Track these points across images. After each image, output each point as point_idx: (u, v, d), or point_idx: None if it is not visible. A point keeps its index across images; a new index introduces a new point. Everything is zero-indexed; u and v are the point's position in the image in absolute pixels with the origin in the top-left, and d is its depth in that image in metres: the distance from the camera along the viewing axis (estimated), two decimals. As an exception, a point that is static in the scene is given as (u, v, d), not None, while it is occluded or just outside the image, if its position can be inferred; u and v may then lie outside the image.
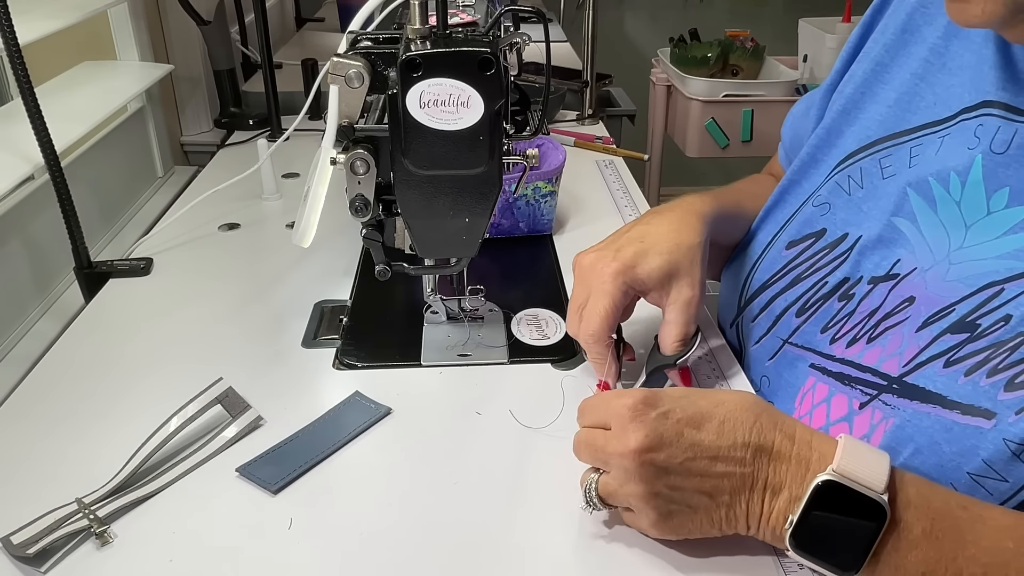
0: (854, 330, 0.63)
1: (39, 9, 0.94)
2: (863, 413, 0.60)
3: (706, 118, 1.89)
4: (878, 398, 0.59)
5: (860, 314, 0.63)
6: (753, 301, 0.73)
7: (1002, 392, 0.52)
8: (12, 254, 0.89)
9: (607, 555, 0.55)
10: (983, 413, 0.52)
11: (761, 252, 0.74)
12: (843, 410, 0.61)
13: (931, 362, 0.56)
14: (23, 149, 0.86)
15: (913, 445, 0.55)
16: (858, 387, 0.61)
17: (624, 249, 0.67)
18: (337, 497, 0.60)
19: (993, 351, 0.53)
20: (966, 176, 0.58)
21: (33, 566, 0.54)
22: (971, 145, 0.59)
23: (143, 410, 0.67)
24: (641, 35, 2.85)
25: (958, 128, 0.61)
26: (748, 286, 0.74)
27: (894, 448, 0.56)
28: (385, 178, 0.66)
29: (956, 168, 0.59)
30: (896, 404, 0.57)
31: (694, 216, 0.70)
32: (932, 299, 0.58)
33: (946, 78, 0.64)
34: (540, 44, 0.71)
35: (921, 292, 0.59)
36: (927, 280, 0.59)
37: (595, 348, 0.67)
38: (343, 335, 0.79)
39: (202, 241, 0.98)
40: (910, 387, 0.57)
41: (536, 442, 0.65)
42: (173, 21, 1.30)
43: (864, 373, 0.61)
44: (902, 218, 0.63)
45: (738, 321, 0.75)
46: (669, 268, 0.66)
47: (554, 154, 0.98)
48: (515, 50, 0.69)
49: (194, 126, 1.39)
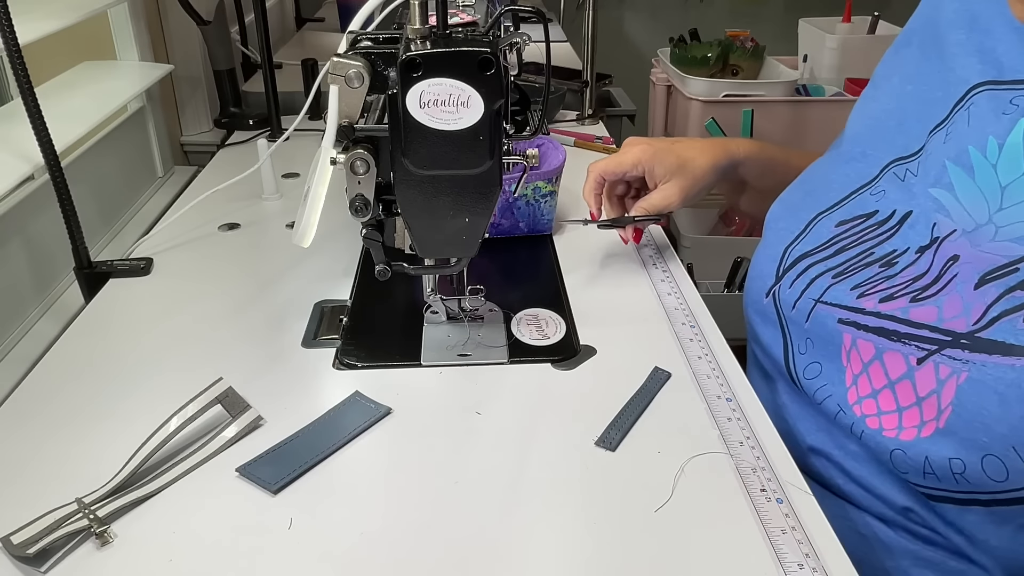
0: (890, 290, 0.65)
1: (39, 9, 0.94)
2: (924, 368, 0.60)
3: (706, 118, 1.88)
4: (939, 352, 0.59)
5: (902, 278, 0.65)
6: (791, 270, 0.74)
7: None
8: (12, 254, 0.89)
9: (607, 555, 0.55)
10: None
11: (805, 227, 0.76)
12: (901, 367, 0.62)
13: (1006, 316, 0.57)
14: (23, 149, 0.86)
15: (997, 397, 0.55)
16: (912, 343, 0.61)
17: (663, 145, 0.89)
18: (337, 497, 0.60)
19: None
20: (1004, 139, 0.61)
21: (33, 566, 0.54)
22: (1008, 111, 0.61)
23: (143, 410, 0.67)
24: (641, 35, 2.85)
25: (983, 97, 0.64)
26: (788, 256, 0.75)
27: (974, 401, 0.56)
28: (385, 178, 0.66)
29: (994, 132, 0.62)
30: (967, 359, 0.58)
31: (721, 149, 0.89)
32: (982, 258, 0.60)
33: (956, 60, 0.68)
34: (540, 44, 0.71)
35: (965, 251, 0.61)
36: (971, 241, 0.61)
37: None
38: (343, 335, 0.79)
39: (202, 241, 0.98)
40: (985, 342, 0.57)
41: (536, 442, 0.65)
42: (173, 21, 1.30)
43: (919, 330, 0.61)
44: (940, 188, 0.65)
45: (774, 290, 0.75)
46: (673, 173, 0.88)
47: (554, 154, 0.98)
48: (515, 50, 0.69)
49: (194, 126, 1.39)
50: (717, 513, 0.58)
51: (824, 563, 0.53)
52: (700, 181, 0.88)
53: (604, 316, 0.81)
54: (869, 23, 1.96)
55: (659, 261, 0.92)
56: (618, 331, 0.79)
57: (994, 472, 0.57)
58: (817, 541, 0.55)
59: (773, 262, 0.77)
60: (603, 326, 0.79)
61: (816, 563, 0.53)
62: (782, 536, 0.55)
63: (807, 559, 0.54)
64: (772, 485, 0.60)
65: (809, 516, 0.57)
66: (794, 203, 0.80)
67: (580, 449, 0.64)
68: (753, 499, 0.59)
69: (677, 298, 0.85)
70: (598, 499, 0.59)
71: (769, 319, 0.76)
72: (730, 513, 0.58)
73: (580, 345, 0.77)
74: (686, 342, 0.77)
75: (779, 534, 0.56)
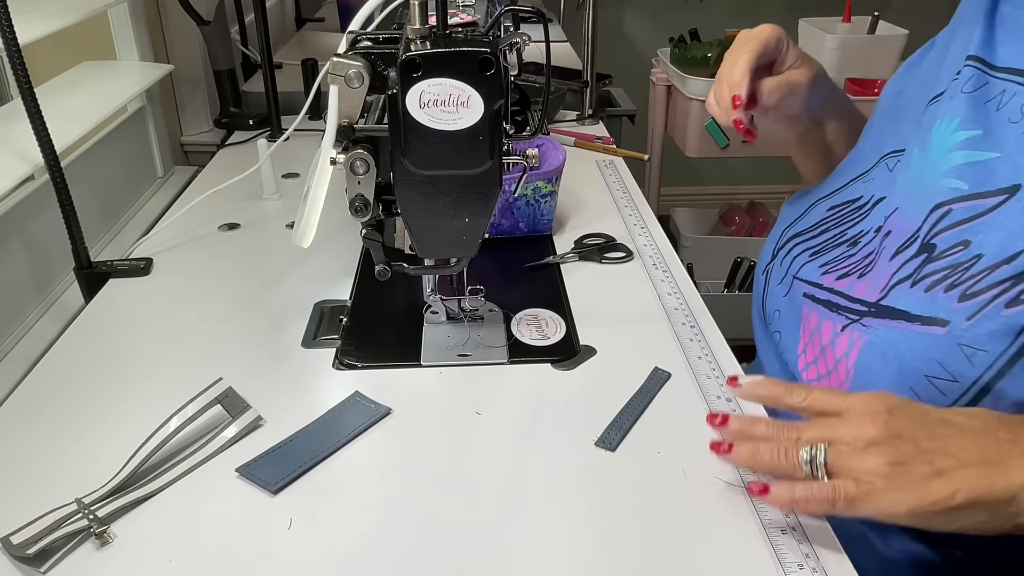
0: (848, 267, 0.70)
1: (39, 9, 0.94)
2: (843, 335, 0.65)
3: (706, 118, 1.88)
4: (858, 322, 0.65)
5: (858, 256, 0.70)
6: (782, 249, 0.79)
7: (955, 303, 0.58)
8: (12, 254, 0.89)
9: (607, 555, 0.55)
10: (939, 322, 0.58)
11: (803, 212, 0.80)
12: (831, 334, 0.67)
13: (900, 284, 0.63)
14: (23, 149, 0.86)
15: (880, 357, 0.61)
16: (843, 314, 0.67)
17: None
18: (337, 497, 0.60)
19: (951, 271, 0.59)
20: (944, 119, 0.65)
21: (33, 566, 0.54)
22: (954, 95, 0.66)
23: (143, 410, 0.67)
24: (641, 35, 2.85)
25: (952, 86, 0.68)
26: (783, 236, 0.80)
27: (865, 362, 0.62)
28: (385, 178, 0.66)
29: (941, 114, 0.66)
30: (871, 324, 0.63)
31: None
32: (902, 230, 0.65)
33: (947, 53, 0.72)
34: (540, 44, 0.71)
35: (896, 226, 0.66)
36: (900, 216, 0.66)
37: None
38: (343, 335, 0.79)
39: (202, 241, 0.98)
40: (884, 308, 0.63)
41: (536, 442, 0.65)
42: (173, 21, 1.30)
43: (853, 303, 0.67)
44: (900, 168, 0.70)
45: (769, 267, 0.80)
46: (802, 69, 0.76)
47: (554, 154, 0.98)
48: (515, 50, 0.69)
49: (194, 126, 1.39)
50: (717, 513, 0.58)
51: (824, 563, 0.53)
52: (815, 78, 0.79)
53: (604, 316, 0.81)
54: (869, 23, 1.96)
55: (659, 261, 0.92)
56: (618, 331, 0.79)
57: None
58: (817, 541, 0.55)
59: (772, 243, 0.82)
60: (603, 326, 0.79)
61: (816, 563, 0.53)
62: (782, 536, 0.55)
63: (807, 559, 0.54)
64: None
65: (809, 516, 0.57)
66: (808, 189, 0.83)
67: (580, 449, 0.64)
68: (753, 499, 0.59)
69: (677, 298, 0.85)
70: (598, 499, 0.59)
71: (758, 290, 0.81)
72: (730, 513, 0.58)
73: (580, 345, 0.77)
74: (686, 342, 0.77)
75: (779, 534, 0.56)
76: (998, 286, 0.56)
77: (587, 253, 0.93)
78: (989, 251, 0.58)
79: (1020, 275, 0.56)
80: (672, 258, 0.93)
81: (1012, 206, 0.58)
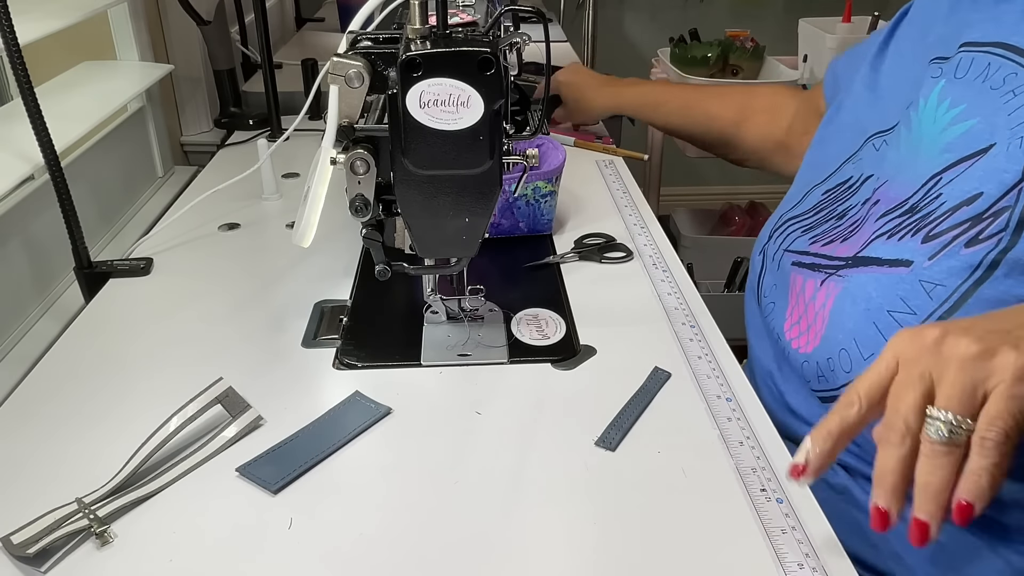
0: (833, 235, 0.75)
1: (39, 9, 0.94)
2: (823, 288, 0.71)
3: (706, 118, 1.88)
4: (835, 274, 0.70)
5: (844, 225, 0.75)
6: (779, 229, 0.84)
7: (919, 244, 0.63)
8: (12, 254, 0.89)
9: (607, 555, 0.55)
10: (904, 263, 0.63)
11: (800, 198, 0.85)
12: (811, 289, 0.72)
13: (879, 238, 0.68)
14: (23, 149, 0.86)
15: (850, 299, 0.66)
16: (823, 271, 0.72)
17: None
18: (337, 497, 0.60)
19: (922, 219, 0.64)
20: (929, 97, 0.70)
21: (33, 566, 0.54)
22: (935, 75, 0.71)
23: (143, 410, 0.67)
24: (641, 35, 2.85)
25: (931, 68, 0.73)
26: (780, 219, 0.85)
27: (838, 306, 0.67)
28: (385, 178, 0.66)
29: (924, 94, 0.71)
30: (847, 274, 0.68)
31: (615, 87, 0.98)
32: (891, 199, 0.70)
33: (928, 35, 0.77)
34: (540, 44, 0.71)
35: (884, 195, 0.71)
36: (890, 188, 0.71)
37: None
38: (343, 335, 0.79)
39: (202, 241, 0.98)
40: (860, 259, 0.68)
41: (536, 442, 0.65)
42: (173, 21, 1.30)
43: (832, 261, 0.72)
44: (889, 147, 0.74)
45: (765, 247, 0.84)
46: None
47: (554, 154, 0.98)
48: (515, 50, 0.69)
49: (194, 126, 1.39)
50: (717, 513, 0.58)
51: (824, 563, 0.53)
52: None
53: (604, 316, 0.81)
54: (869, 23, 1.96)
55: (659, 261, 0.92)
56: (618, 331, 0.79)
57: (844, 364, 0.67)
58: (817, 541, 0.55)
59: (770, 226, 0.86)
60: (603, 326, 0.79)
61: (816, 563, 0.53)
62: (782, 536, 0.55)
63: (807, 559, 0.54)
64: (772, 485, 0.60)
65: (809, 516, 0.57)
66: (802, 177, 0.88)
67: (580, 449, 0.64)
68: (753, 499, 0.59)
69: (677, 298, 0.85)
70: (598, 499, 0.59)
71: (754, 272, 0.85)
72: (730, 513, 0.58)
73: (580, 345, 0.77)
74: (686, 342, 0.77)
75: (779, 534, 0.56)
76: (958, 227, 0.61)
77: (587, 253, 0.93)
78: (951, 196, 0.63)
79: (978, 216, 0.60)
80: (672, 258, 0.93)
81: (982, 161, 0.63)
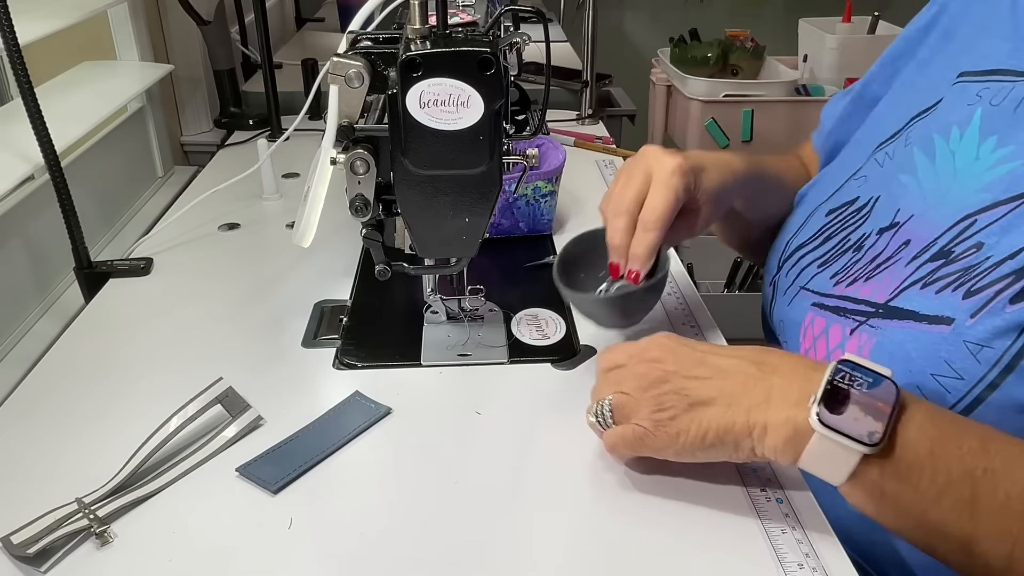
0: (856, 273, 0.69)
1: (39, 9, 0.94)
2: (852, 338, 0.65)
3: (706, 118, 1.88)
4: (866, 323, 0.64)
5: (864, 260, 0.69)
6: (788, 260, 0.78)
7: (960, 300, 0.58)
8: (12, 254, 0.89)
9: (607, 555, 0.55)
10: (945, 320, 0.58)
11: (804, 220, 0.79)
12: (839, 338, 0.67)
13: (911, 287, 0.62)
14: (23, 149, 0.86)
15: (888, 356, 0.61)
16: (851, 316, 0.66)
17: (689, 154, 0.71)
18: (337, 497, 0.60)
19: (963, 273, 0.59)
20: (965, 128, 0.64)
21: (33, 566, 0.54)
22: (971, 102, 0.65)
23: (143, 410, 0.67)
24: (641, 35, 2.85)
25: (957, 88, 0.67)
26: (788, 247, 0.79)
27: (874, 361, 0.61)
28: (385, 178, 0.66)
29: (957, 121, 0.65)
30: (880, 326, 0.63)
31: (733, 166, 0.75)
32: (921, 239, 0.64)
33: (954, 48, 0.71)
34: (540, 44, 0.71)
35: (915, 234, 0.65)
36: (920, 224, 0.65)
37: (649, 236, 0.67)
38: (343, 335, 0.79)
39: (202, 241, 0.98)
40: (893, 309, 0.63)
41: (536, 442, 0.65)
42: (173, 21, 1.30)
43: (859, 305, 0.66)
44: (906, 174, 0.68)
45: (776, 279, 0.79)
46: (711, 195, 0.71)
47: (554, 154, 0.98)
48: (515, 50, 0.69)
49: (194, 126, 1.39)
50: (717, 513, 0.58)
51: (824, 563, 0.53)
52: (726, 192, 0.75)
53: (604, 316, 0.81)
54: (869, 23, 1.97)
55: (659, 261, 0.92)
56: (618, 331, 0.79)
57: None
58: (817, 541, 0.55)
59: (776, 254, 0.80)
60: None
61: (816, 563, 0.53)
62: (782, 536, 0.55)
63: (807, 559, 0.54)
64: (772, 485, 0.60)
65: (809, 516, 0.57)
66: (804, 194, 0.83)
67: (580, 449, 0.64)
68: (753, 499, 0.59)
69: (677, 298, 0.85)
70: (598, 499, 0.59)
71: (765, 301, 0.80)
72: (730, 513, 0.58)
73: (580, 345, 0.77)
74: (686, 342, 0.77)
75: (779, 534, 0.56)
76: (1001, 282, 0.56)
77: None
78: (997, 250, 0.58)
79: (1022, 270, 0.56)
80: (672, 258, 0.93)
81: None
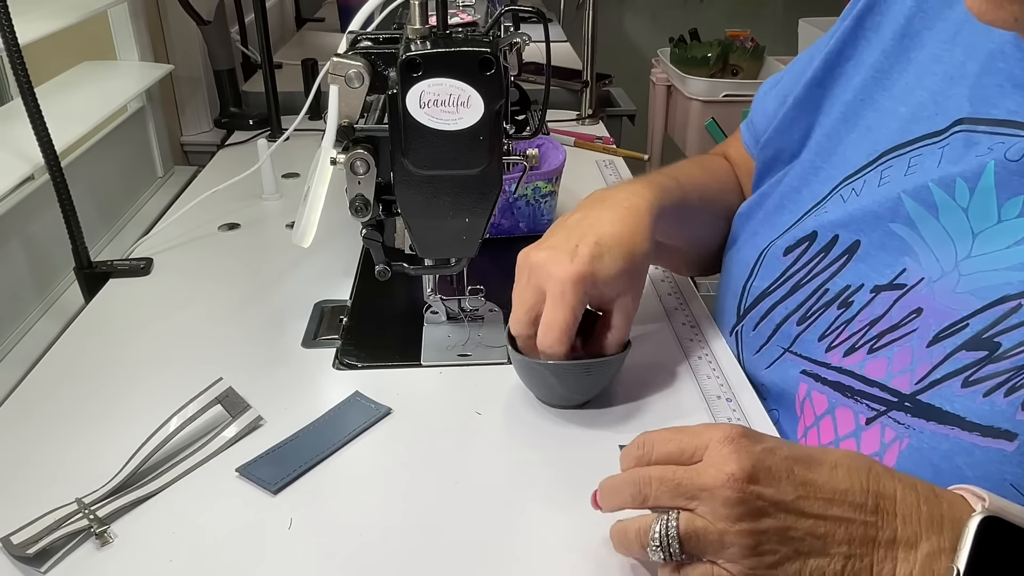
0: (852, 339, 0.61)
1: (39, 9, 0.94)
2: (871, 429, 0.58)
3: (706, 118, 1.89)
4: (887, 415, 0.57)
5: (860, 322, 0.61)
6: (753, 310, 0.71)
7: (1020, 412, 0.49)
8: (12, 254, 0.89)
9: (607, 555, 0.55)
10: (1004, 435, 0.50)
11: (758, 257, 0.72)
12: (850, 425, 0.59)
13: (947, 380, 0.54)
14: (23, 149, 0.86)
15: (931, 468, 0.52)
16: (863, 401, 0.59)
17: (580, 251, 0.63)
18: (337, 497, 0.60)
19: (1015, 373, 0.51)
20: (975, 183, 0.56)
21: (33, 566, 0.54)
22: (981, 153, 0.57)
23: (143, 410, 0.67)
24: (641, 35, 2.85)
25: (959, 137, 0.59)
26: (747, 293, 0.72)
27: (912, 471, 0.50)
28: (385, 178, 0.66)
29: (963, 174, 0.57)
30: (910, 423, 0.55)
31: (642, 218, 0.67)
32: (942, 311, 0.56)
33: (947, 87, 0.62)
34: (540, 44, 0.71)
35: (929, 304, 0.57)
36: (935, 292, 0.57)
37: (554, 353, 0.64)
38: (343, 335, 0.79)
39: (202, 241, 0.98)
40: (925, 406, 0.54)
41: (536, 442, 0.65)
42: (173, 21, 1.30)
43: (871, 387, 0.59)
44: (900, 224, 0.60)
45: (738, 329, 0.73)
46: (626, 277, 0.65)
47: (554, 154, 0.98)
48: (515, 50, 0.69)
49: (194, 126, 1.39)
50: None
51: None
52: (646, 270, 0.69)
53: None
54: (869, 23, 1.96)
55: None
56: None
57: None
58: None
59: (735, 298, 0.74)
60: (603, 326, 0.79)
61: None
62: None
63: None
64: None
65: None
66: (745, 216, 0.76)
67: (580, 449, 0.64)
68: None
69: (677, 298, 0.85)
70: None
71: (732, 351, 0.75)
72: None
73: (580, 345, 0.77)
74: (686, 342, 0.77)
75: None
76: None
77: None
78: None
79: None
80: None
81: None
